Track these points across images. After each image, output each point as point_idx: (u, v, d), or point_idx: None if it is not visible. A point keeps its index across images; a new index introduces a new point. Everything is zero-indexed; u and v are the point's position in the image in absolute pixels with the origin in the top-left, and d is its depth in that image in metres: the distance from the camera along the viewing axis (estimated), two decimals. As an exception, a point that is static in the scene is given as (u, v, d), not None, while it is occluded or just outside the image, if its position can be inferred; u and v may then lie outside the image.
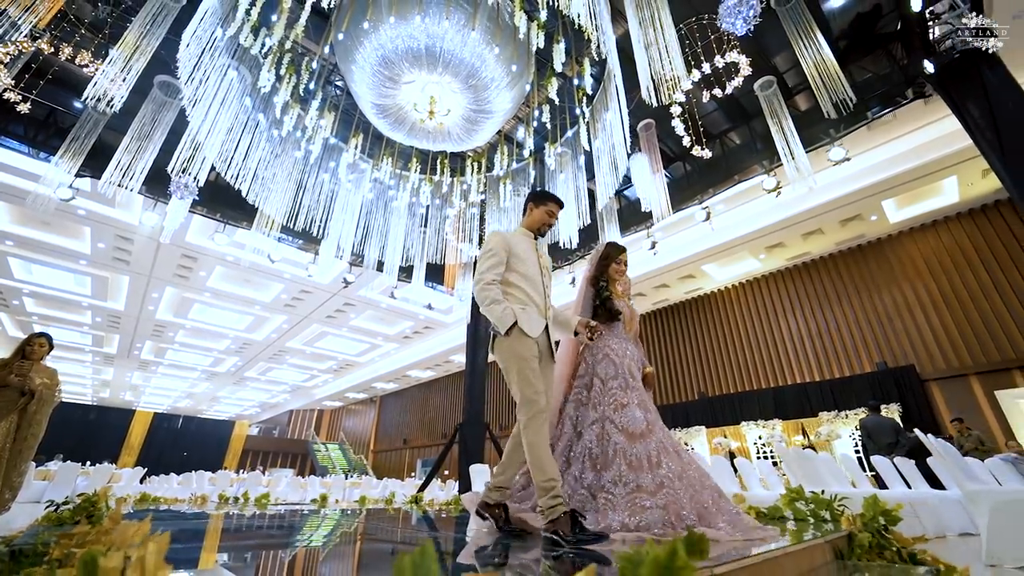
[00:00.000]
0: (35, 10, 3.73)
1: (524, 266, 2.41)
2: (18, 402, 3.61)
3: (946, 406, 9.63)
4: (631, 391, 2.47)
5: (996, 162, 4.45)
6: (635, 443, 2.27)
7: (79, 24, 4.89)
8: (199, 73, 4.00)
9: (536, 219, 2.56)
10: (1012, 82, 4.51)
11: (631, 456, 2.23)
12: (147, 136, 5.12)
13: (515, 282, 2.38)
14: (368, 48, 4.48)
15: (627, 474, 2.18)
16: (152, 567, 0.61)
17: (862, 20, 5.46)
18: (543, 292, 2.44)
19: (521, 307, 2.30)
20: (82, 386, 24.73)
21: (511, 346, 2.20)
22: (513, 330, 2.21)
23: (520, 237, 2.51)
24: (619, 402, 2.43)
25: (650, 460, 2.20)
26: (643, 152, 6.31)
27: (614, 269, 2.84)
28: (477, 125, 5.39)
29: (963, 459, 3.75)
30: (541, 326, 2.31)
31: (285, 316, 16.43)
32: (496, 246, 2.38)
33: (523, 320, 2.23)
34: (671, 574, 0.71)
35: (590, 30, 3.98)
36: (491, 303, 2.25)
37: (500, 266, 2.35)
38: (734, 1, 3.68)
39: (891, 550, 2.12)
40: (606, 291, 2.76)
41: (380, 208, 6.85)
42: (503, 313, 2.21)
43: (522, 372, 2.16)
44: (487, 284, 2.29)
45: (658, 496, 2.04)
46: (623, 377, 2.52)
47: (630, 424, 2.33)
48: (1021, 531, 2.64)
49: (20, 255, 11.78)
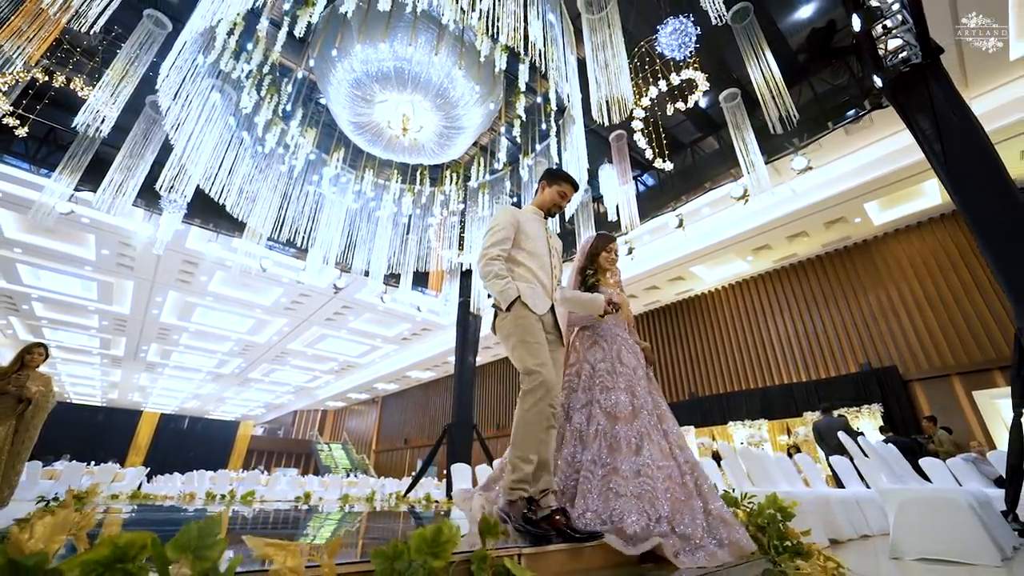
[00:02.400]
0: (31, 40, 4.03)
1: (532, 244, 2.29)
2: (16, 408, 3.93)
3: (928, 406, 9.75)
4: (618, 376, 2.45)
5: (942, 173, 4.62)
6: (616, 425, 2.25)
7: (73, 50, 5.23)
8: (181, 99, 4.29)
9: (547, 199, 2.45)
10: (956, 96, 4.68)
11: (611, 438, 2.21)
12: (139, 154, 5.44)
13: (522, 260, 2.25)
14: (340, 71, 4.75)
15: (605, 455, 2.16)
16: (46, 536, 0.86)
17: (818, 34, 5.64)
18: (551, 273, 2.31)
19: (526, 284, 2.17)
20: (91, 387, 25.36)
21: (513, 320, 2.07)
22: (515, 304, 2.08)
23: (530, 215, 2.41)
24: (605, 385, 2.43)
25: (630, 445, 2.17)
26: (614, 162, 6.52)
27: (604, 258, 2.80)
28: (450, 140, 5.65)
29: (899, 458, 3.95)
30: (547, 305, 2.18)
31: (286, 319, 16.79)
32: (504, 221, 2.26)
33: (527, 295, 2.11)
34: (436, 547, 0.96)
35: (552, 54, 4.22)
36: (494, 277, 2.11)
37: (506, 242, 2.23)
38: (671, 30, 3.90)
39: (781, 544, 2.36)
40: (592, 279, 2.74)
41: (364, 217, 7.15)
42: (505, 286, 2.09)
43: (524, 342, 2.02)
44: (491, 259, 2.14)
45: (632, 483, 2.01)
46: (611, 361, 2.51)
47: (613, 406, 2.32)
48: (922, 526, 2.85)
49: (28, 261, 12.22)
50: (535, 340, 2.03)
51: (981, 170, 4.33)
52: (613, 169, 6.36)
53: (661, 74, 4.73)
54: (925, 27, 4.62)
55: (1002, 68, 7.88)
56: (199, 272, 13.07)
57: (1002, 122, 8.34)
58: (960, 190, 4.45)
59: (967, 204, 4.40)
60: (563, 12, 4.71)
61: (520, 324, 2.05)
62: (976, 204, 4.33)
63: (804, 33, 5.68)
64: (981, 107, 8.49)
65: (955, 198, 4.52)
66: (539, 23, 4.28)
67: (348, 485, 12.01)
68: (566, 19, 4.77)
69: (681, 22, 4.07)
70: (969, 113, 4.60)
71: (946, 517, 2.76)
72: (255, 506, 5.18)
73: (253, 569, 0.84)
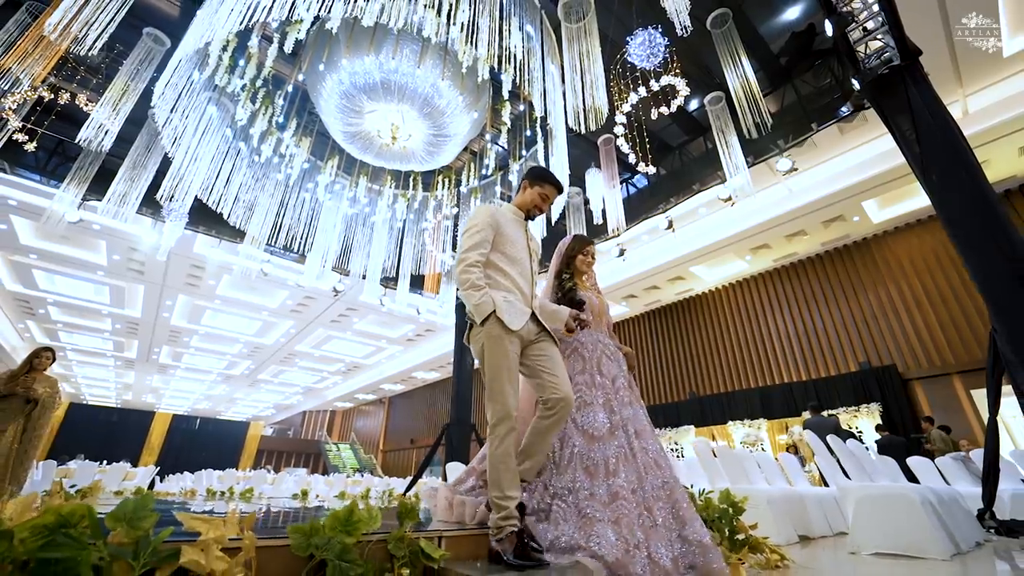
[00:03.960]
0: (36, 62, 4.28)
1: (512, 248, 2.17)
2: (24, 408, 4.17)
3: (928, 405, 9.70)
4: (597, 388, 2.31)
5: (919, 175, 4.67)
6: (593, 446, 2.12)
7: (78, 68, 5.49)
8: (178, 113, 4.52)
9: (528, 199, 2.33)
10: (935, 97, 4.72)
11: (588, 461, 2.08)
12: (142, 164, 5.70)
13: (500, 264, 2.13)
14: (329, 83, 4.93)
15: (583, 480, 2.03)
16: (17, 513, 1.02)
17: (800, 38, 5.69)
18: (530, 279, 2.21)
19: (503, 295, 2.04)
20: (106, 389, 25.99)
21: (485, 337, 1.97)
22: (489, 319, 1.97)
23: (510, 215, 2.28)
24: (583, 399, 2.27)
25: (607, 467, 2.05)
26: (603, 165, 6.62)
27: (580, 261, 2.70)
28: (438, 147, 5.81)
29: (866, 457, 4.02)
30: (524, 317, 2.05)
31: (292, 321, 17.11)
32: (482, 222, 2.13)
33: (503, 310, 1.98)
34: (348, 526, 1.10)
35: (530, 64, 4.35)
36: (470, 287, 1.99)
37: (485, 244, 2.10)
38: (640, 41, 4.00)
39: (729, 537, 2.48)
40: (569, 282, 2.61)
41: (360, 222, 7.35)
42: (481, 299, 1.97)
43: (494, 368, 1.93)
44: (468, 266, 2.02)
45: (609, 508, 1.91)
46: (590, 373, 2.36)
47: (590, 425, 2.19)
48: (877, 522, 2.94)
49: (43, 267, 12.64)
50: (505, 366, 1.93)
51: (956, 172, 4.37)
52: (600, 173, 6.47)
53: (641, 81, 4.84)
54: (901, 30, 4.66)
55: (997, 65, 7.84)
56: (207, 276, 13.41)
57: (998, 119, 8.31)
58: (935, 191, 4.50)
59: (942, 205, 4.45)
60: (544, 21, 4.85)
61: (492, 346, 1.95)
62: (950, 205, 4.38)
63: (784, 37, 5.74)
64: (976, 104, 8.47)
65: (931, 199, 4.57)
66: (519, 34, 4.43)
67: (352, 484, 12.24)
68: (547, 28, 4.91)
69: (650, 33, 4.18)
70: (946, 114, 4.64)
71: (899, 513, 2.84)
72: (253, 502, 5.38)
73: (184, 539, 0.99)
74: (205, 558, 0.96)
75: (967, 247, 4.24)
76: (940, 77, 7.90)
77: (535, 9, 4.57)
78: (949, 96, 8.35)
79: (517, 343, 2.01)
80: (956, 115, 8.64)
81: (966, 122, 8.56)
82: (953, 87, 8.18)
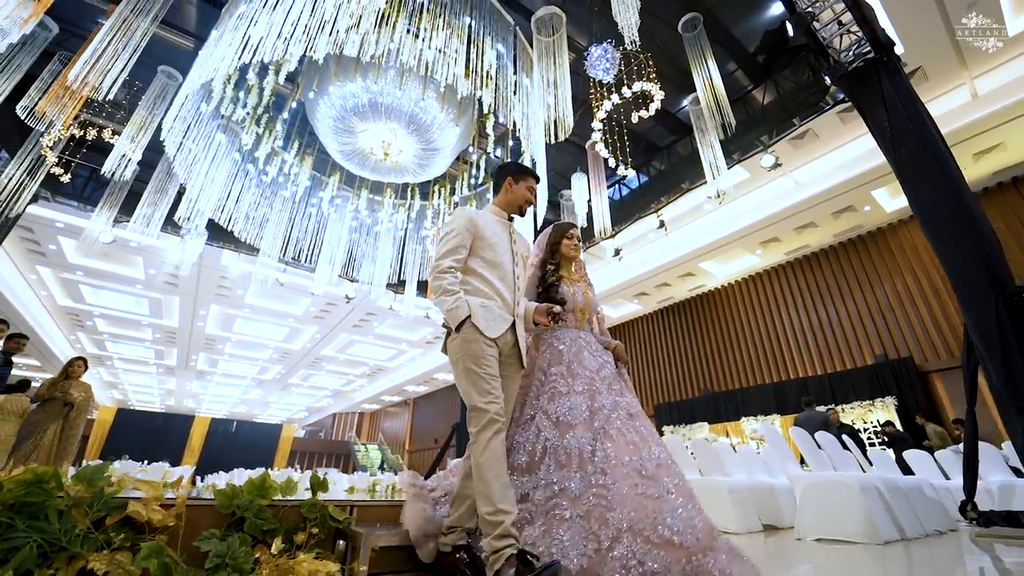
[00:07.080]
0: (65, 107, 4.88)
1: (492, 252, 2.05)
2: (62, 410, 4.74)
3: (948, 398, 9.41)
4: (575, 378, 2.10)
5: (893, 166, 4.68)
6: (567, 434, 1.92)
7: (104, 105, 6.13)
8: (188, 143, 5.03)
9: (519, 196, 2.20)
10: (909, 89, 4.72)
11: (561, 452, 1.89)
12: (163, 189, 6.30)
13: (479, 270, 2.01)
14: (323, 108, 5.34)
15: (553, 474, 1.86)
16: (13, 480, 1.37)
17: (771, 36, 5.72)
18: (513, 285, 2.05)
19: (480, 301, 1.92)
20: (150, 395, 27.71)
21: (461, 343, 1.85)
22: (465, 325, 1.85)
23: (491, 217, 2.16)
24: (556, 391, 2.07)
25: (582, 454, 1.84)
26: (589, 169, 6.80)
27: (566, 246, 2.49)
28: (429, 160, 6.15)
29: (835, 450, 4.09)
30: (504, 326, 1.93)
31: (316, 327, 17.87)
32: (459, 227, 2.01)
33: (479, 315, 1.87)
34: (263, 491, 1.40)
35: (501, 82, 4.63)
36: (442, 293, 1.89)
37: (460, 250, 1.98)
38: (598, 54, 4.19)
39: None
40: (553, 276, 2.42)
41: (364, 233, 7.80)
42: (454, 305, 1.85)
43: (471, 373, 1.80)
44: (441, 272, 1.92)
45: (581, 500, 1.73)
46: (567, 363, 2.16)
47: (566, 413, 1.98)
48: (819, 509, 3.07)
49: (89, 283, 13.74)
50: (483, 370, 1.79)
51: (927, 165, 4.38)
52: (583, 178, 6.66)
53: (615, 88, 5.02)
54: (871, 23, 4.69)
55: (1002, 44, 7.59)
56: (235, 286, 14.24)
57: (1011, 99, 8.05)
58: (907, 183, 4.51)
59: (914, 198, 4.46)
60: (518, 36, 5.10)
61: (468, 350, 1.82)
62: (921, 199, 4.39)
63: (758, 35, 5.78)
64: (986, 86, 8.20)
65: (904, 191, 4.58)
66: (492, 52, 4.71)
67: (367, 480, 12.74)
68: (521, 41, 5.16)
69: (604, 48, 4.38)
70: (921, 107, 4.64)
71: (838, 500, 2.97)
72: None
73: (132, 496, 1.32)
74: (145, 510, 1.29)
75: (937, 240, 4.25)
76: (943, 62, 7.73)
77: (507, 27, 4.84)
78: (954, 80, 8.15)
79: (495, 349, 1.88)
80: (964, 99, 8.41)
81: (976, 105, 8.33)
82: (958, 70, 7.97)
